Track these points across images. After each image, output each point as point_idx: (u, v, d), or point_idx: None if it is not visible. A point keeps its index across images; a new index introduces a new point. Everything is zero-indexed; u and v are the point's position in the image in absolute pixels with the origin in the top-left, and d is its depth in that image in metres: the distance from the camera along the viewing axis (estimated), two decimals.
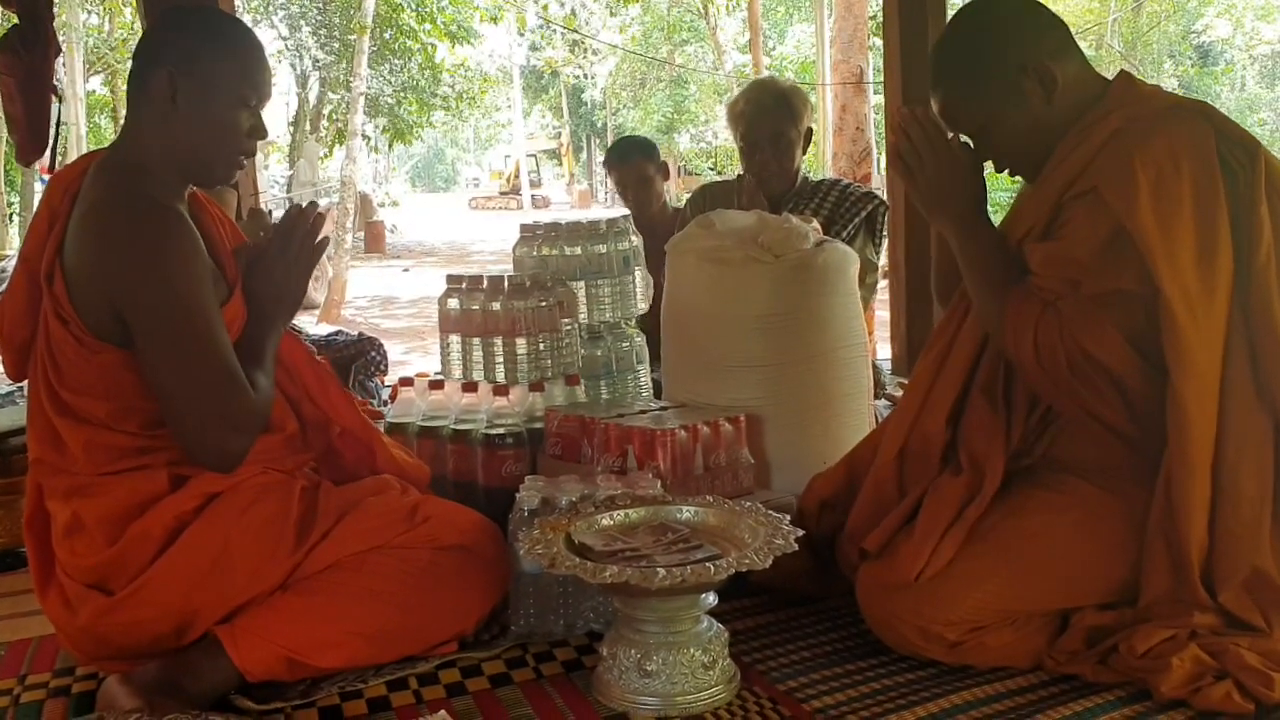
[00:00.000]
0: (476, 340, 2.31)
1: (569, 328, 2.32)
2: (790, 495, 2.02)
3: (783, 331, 2.15)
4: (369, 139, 17.58)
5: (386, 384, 4.01)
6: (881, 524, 1.68)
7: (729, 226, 2.27)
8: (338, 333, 4.10)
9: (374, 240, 18.07)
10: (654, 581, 1.39)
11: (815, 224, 2.38)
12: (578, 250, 2.41)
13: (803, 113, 3.06)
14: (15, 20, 3.60)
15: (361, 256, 16.50)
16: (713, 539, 1.59)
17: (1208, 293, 1.50)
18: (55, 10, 3.73)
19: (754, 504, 1.66)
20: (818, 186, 3.14)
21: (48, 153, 3.70)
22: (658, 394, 2.52)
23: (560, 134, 35.01)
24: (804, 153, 3.12)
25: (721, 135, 28.57)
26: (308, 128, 17.91)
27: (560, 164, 36.40)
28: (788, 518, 1.59)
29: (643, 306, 2.52)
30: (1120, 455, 1.61)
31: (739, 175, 3.22)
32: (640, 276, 2.49)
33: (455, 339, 2.36)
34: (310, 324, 9.11)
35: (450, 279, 2.37)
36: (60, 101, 3.81)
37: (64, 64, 4.19)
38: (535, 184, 33.19)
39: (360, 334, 4.03)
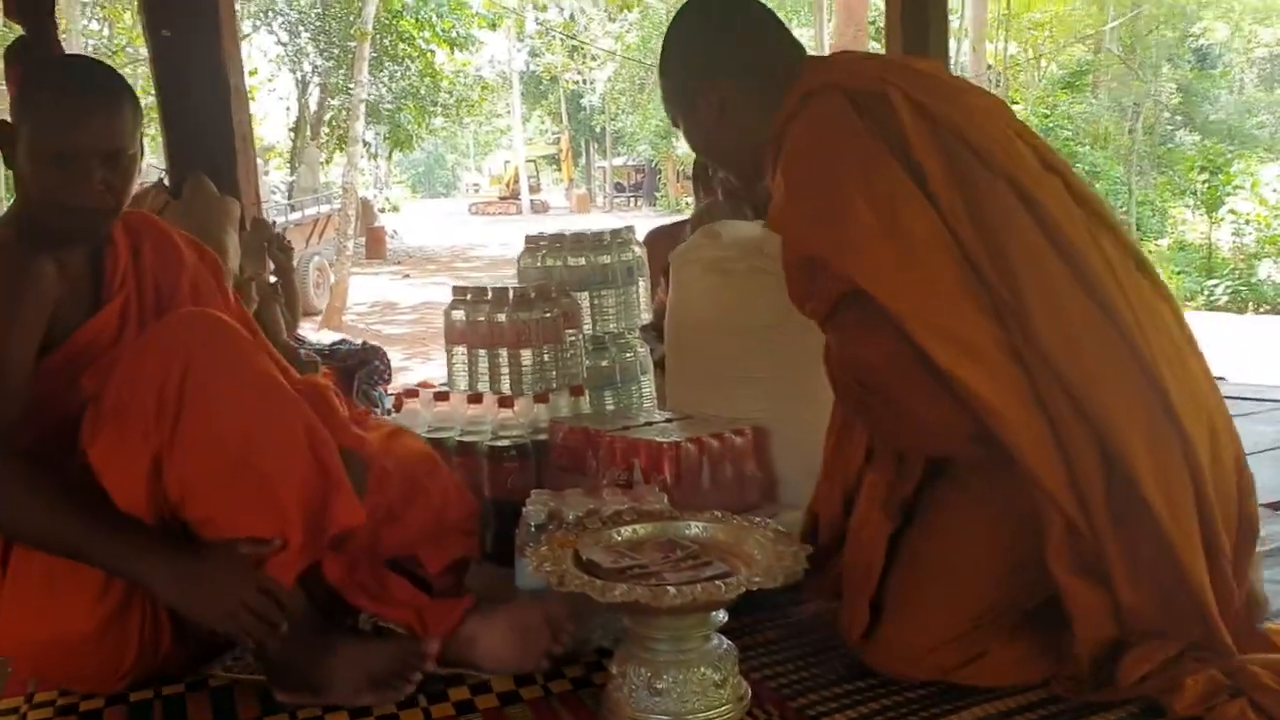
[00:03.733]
0: (482, 351, 2.31)
1: (574, 339, 2.32)
2: (798, 508, 2.02)
3: (789, 342, 2.13)
4: (369, 145, 17.60)
5: (389, 392, 4.01)
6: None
7: (734, 237, 2.26)
8: (341, 341, 4.10)
9: (375, 245, 18.10)
10: (665, 600, 1.38)
11: None
12: (582, 261, 2.41)
13: None
14: (20, 32, 3.61)
15: (362, 262, 16.50)
16: (722, 555, 1.58)
17: (924, 271, 1.42)
18: (58, 20, 3.72)
19: (763, 519, 1.65)
20: None
21: None
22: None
23: (559, 139, 35.04)
24: None
25: None
26: (308, 134, 17.92)
27: (559, 169, 36.41)
28: (796, 533, 1.59)
29: (646, 317, 2.52)
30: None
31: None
32: (644, 287, 2.50)
33: (460, 350, 2.36)
34: (312, 331, 9.13)
35: (456, 290, 2.37)
36: None
37: None
38: (534, 189, 33.21)
39: (364, 343, 4.03)
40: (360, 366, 3.83)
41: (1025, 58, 20.76)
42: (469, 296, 2.33)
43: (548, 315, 2.26)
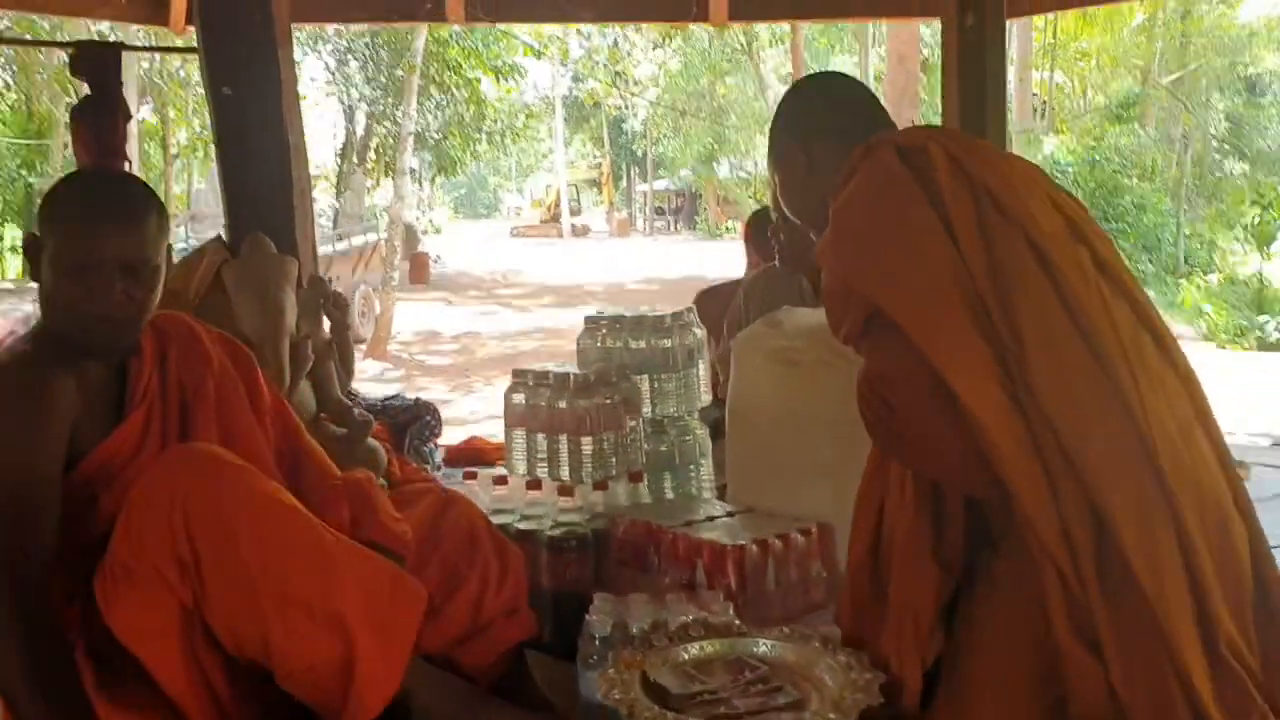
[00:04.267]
0: (541, 436, 2.30)
1: (633, 425, 2.31)
2: None
3: (854, 438, 2.10)
4: (414, 172, 17.78)
5: (440, 444, 4.03)
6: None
7: (797, 326, 2.24)
8: (394, 397, 4.13)
9: (418, 271, 18.24)
10: None
11: None
12: (643, 344, 2.39)
13: None
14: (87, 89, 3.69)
15: (406, 288, 16.63)
16: (792, 678, 1.56)
17: (941, 301, 1.48)
18: (123, 79, 3.80)
19: (833, 639, 1.63)
20: None
21: None
22: None
23: (600, 163, 35.21)
24: None
25: (761, 165, 28.62)
26: (354, 160, 18.12)
27: (600, 193, 36.59)
28: (867, 657, 1.56)
29: (706, 398, 2.51)
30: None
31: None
32: (704, 369, 2.48)
33: (520, 433, 2.35)
34: (358, 357, 9.17)
35: (515, 374, 2.38)
36: (130, 167, 3.89)
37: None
38: (575, 212, 33.38)
39: (416, 399, 4.05)
40: (412, 422, 3.84)
41: (1071, 87, 20.60)
42: (530, 380, 2.33)
43: (608, 401, 2.25)
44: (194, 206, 15.60)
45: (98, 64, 3.68)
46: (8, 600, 1.45)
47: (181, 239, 13.38)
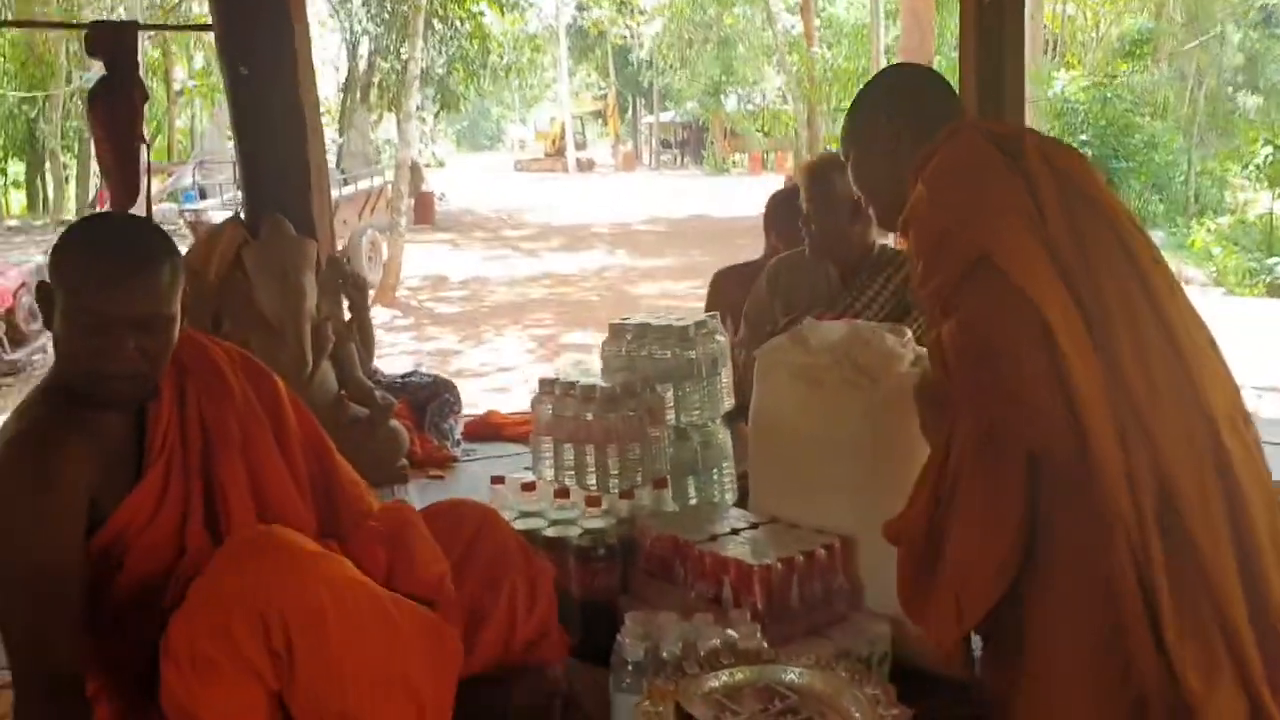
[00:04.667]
0: (569, 445, 2.36)
1: (658, 434, 2.36)
2: (884, 617, 2.06)
3: (876, 456, 2.15)
4: (419, 110, 17.59)
5: (459, 419, 4.08)
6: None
7: (822, 342, 2.27)
8: (413, 373, 4.18)
9: (424, 210, 18.11)
10: None
11: (908, 334, 2.36)
12: (667, 355, 2.43)
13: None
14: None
15: (412, 229, 16.58)
16: (819, 708, 1.63)
17: (1036, 259, 1.61)
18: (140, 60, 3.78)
19: (861, 670, 1.70)
20: (894, 256, 3.01)
21: (141, 199, 3.80)
22: None
23: (606, 95, 34.74)
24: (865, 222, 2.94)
25: (769, 97, 28.22)
26: (358, 96, 17.92)
27: (605, 125, 36.18)
28: (894, 690, 1.63)
29: (729, 403, 2.55)
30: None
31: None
32: (728, 376, 2.52)
33: (547, 442, 2.41)
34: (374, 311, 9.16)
35: (543, 382, 2.42)
36: (148, 148, 3.90)
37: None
38: (580, 145, 33.06)
39: (435, 377, 4.10)
40: (432, 399, 3.90)
41: (1083, 20, 20.21)
42: (557, 391, 2.38)
43: (633, 414, 2.30)
44: (200, 152, 15.49)
45: (112, 44, 3.66)
46: (40, 691, 1.48)
47: (189, 181, 13.37)
